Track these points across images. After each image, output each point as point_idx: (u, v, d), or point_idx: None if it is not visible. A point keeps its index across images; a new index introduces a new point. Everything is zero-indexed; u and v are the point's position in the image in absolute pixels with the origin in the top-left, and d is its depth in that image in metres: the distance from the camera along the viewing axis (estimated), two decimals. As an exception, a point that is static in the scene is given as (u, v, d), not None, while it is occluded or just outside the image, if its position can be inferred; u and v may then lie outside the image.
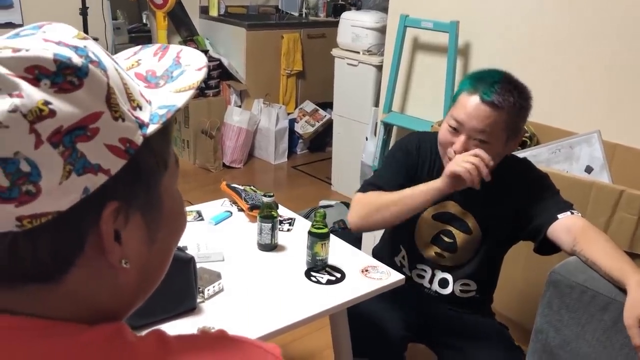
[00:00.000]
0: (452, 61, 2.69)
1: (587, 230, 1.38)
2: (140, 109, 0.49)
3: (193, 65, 0.54)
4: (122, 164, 0.46)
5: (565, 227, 1.41)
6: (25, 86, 0.42)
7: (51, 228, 0.44)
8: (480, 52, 2.71)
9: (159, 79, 0.53)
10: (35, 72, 0.42)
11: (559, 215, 1.43)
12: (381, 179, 1.59)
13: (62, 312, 0.48)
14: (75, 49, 0.45)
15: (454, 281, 1.61)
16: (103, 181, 0.45)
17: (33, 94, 0.42)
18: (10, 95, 0.41)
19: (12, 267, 0.45)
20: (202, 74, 0.53)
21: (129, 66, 0.55)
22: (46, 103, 0.42)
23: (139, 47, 0.58)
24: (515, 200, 1.51)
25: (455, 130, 1.43)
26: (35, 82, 0.42)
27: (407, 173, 1.56)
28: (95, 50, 0.47)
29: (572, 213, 1.44)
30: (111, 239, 0.47)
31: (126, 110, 0.47)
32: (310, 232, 1.52)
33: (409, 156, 1.58)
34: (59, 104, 0.42)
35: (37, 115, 0.41)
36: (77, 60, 0.44)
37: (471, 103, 1.39)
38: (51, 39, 0.45)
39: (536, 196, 1.49)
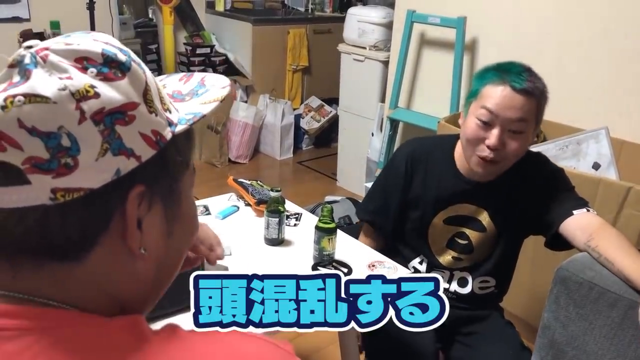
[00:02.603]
0: (459, 57, 2.68)
1: (604, 228, 1.36)
2: (170, 112, 0.53)
3: (217, 85, 0.59)
4: (152, 153, 0.50)
5: (580, 223, 1.38)
6: (74, 72, 0.47)
7: (81, 204, 0.47)
8: (487, 48, 2.70)
9: (185, 96, 0.58)
10: (83, 62, 0.48)
11: (574, 211, 1.40)
12: (374, 213, 1.68)
13: (81, 298, 0.50)
14: (120, 50, 0.50)
15: (473, 279, 1.59)
16: (134, 166, 0.48)
17: (81, 78, 0.47)
18: (60, 78, 0.46)
19: (40, 240, 0.47)
20: (226, 91, 0.58)
21: None
22: (92, 86, 0.47)
23: (164, 75, 0.64)
24: (530, 193, 1.49)
25: (486, 124, 1.39)
26: (83, 70, 0.47)
27: (396, 197, 1.59)
28: (135, 56, 0.52)
29: (588, 210, 1.42)
30: (134, 222, 0.50)
31: (159, 108, 0.51)
32: (317, 227, 1.52)
33: (397, 177, 1.59)
34: (103, 89, 0.47)
35: (84, 95, 0.46)
36: (121, 57, 0.49)
37: (502, 93, 1.36)
38: (100, 39, 0.50)
39: (551, 190, 1.47)
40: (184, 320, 0.55)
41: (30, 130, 0.44)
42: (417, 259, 1.64)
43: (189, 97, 0.58)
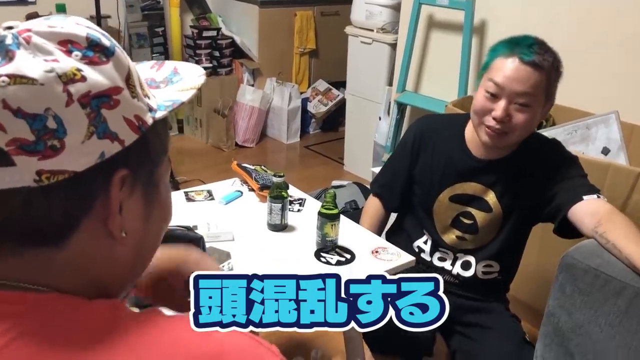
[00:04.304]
0: (467, 39, 2.65)
1: (614, 214, 1.34)
2: (149, 98, 0.54)
3: (192, 74, 0.60)
4: (135, 137, 0.50)
5: (590, 209, 1.37)
6: (59, 54, 0.47)
7: (65, 187, 0.47)
8: (496, 31, 2.66)
9: (160, 83, 0.59)
10: (68, 45, 0.48)
11: (584, 197, 1.39)
12: (382, 186, 1.72)
13: (60, 282, 0.50)
14: (103, 34, 0.50)
15: (477, 262, 1.58)
16: (118, 150, 0.49)
17: (67, 61, 0.47)
18: (46, 60, 0.47)
19: (23, 224, 0.48)
20: (202, 79, 0.59)
21: None
22: (79, 70, 0.47)
23: (134, 62, 0.64)
24: (540, 177, 1.48)
25: (494, 96, 1.39)
26: (67, 53, 0.47)
27: (402, 173, 1.64)
28: (117, 42, 0.52)
29: (598, 197, 1.40)
30: (117, 205, 0.51)
31: (140, 93, 0.52)
32: (320, 213, 1.52)
33: (404, 153, 1.64)
34: (89, 73, 0.48)
35: (71, 78, 0.46)
36: (105, 41, 0.50)
37: (510, 65, 1.37)
38: (82, 23, 0.50)
39: (563, 175, 1.46)
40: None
41: (15, 111, 0.44)
42: (422, 238, 1.64)
43: (163, 85, 0.58)
